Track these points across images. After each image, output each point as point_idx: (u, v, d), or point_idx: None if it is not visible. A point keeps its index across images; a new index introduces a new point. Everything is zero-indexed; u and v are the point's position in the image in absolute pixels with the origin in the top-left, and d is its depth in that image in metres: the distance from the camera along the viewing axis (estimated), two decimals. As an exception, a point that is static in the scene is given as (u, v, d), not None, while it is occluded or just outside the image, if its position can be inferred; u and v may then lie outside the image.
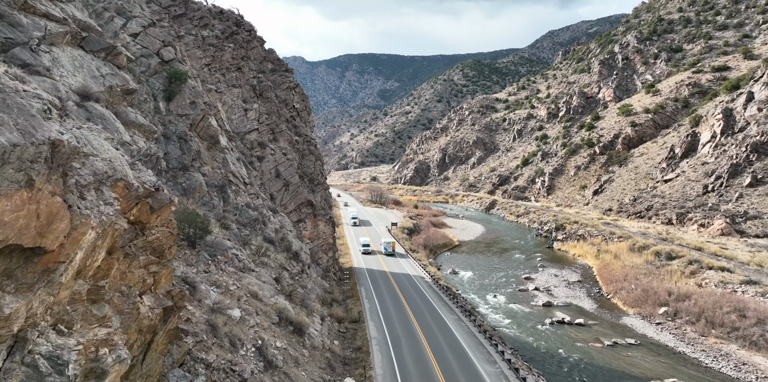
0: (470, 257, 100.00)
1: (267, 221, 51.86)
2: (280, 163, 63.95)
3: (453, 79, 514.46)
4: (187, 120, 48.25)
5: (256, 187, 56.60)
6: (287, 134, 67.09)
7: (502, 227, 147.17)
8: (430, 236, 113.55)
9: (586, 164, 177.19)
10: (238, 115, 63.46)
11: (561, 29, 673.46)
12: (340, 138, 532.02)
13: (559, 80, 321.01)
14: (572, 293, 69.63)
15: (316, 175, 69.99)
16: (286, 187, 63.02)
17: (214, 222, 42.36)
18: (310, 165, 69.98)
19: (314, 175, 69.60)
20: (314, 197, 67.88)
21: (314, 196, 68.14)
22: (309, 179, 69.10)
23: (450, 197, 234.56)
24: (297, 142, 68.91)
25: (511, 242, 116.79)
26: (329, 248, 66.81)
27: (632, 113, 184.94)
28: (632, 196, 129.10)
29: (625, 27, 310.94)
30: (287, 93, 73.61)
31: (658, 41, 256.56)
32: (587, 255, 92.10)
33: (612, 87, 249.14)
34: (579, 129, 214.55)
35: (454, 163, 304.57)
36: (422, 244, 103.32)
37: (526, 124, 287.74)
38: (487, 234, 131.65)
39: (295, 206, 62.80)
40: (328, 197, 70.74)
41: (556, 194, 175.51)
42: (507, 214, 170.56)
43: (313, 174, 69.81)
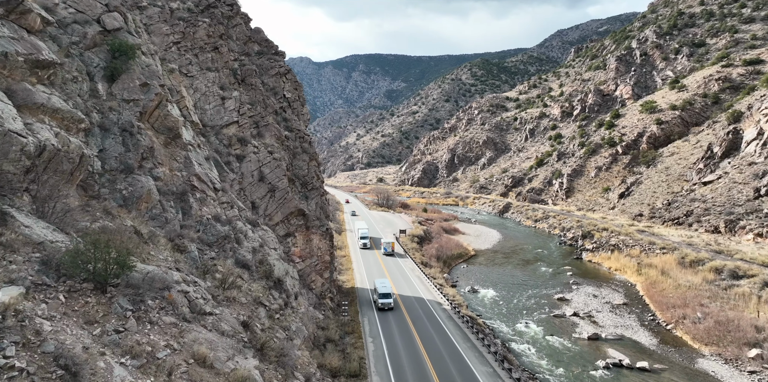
0: (489, 270, 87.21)
1: (242, 238, 39.48)
2: (264, 163, 51.62)
3: (461, 78, 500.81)
4: (135, 107, 35.83)
5: (232, 193, 44.26)
6: (274, 129, 54.72)
7: (519, 233, 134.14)
8: (442, 244, 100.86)
9: (608, 165, 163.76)
10: (213, 105, 51.20)
11: (570, 28, 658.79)
12: (346, 139, 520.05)
13: (573, 78, 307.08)
14: (621, 321, 56.68)
15: (310, 178, 57.59)
16: (272, 193, 50.65)
17: (162, 243, 30.01)
18: (303, 166, 57.59)
19: (308, 179, 57.20)
20: (307, 204, 55.48)
21: (307, 203, 55.75)
22: (301, 183, 56.72)
23: (460, 199, 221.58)
24: (287, 138, 56.55)
25: (533, 252, 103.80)
26: (325, 267, 54.45)
27: (657, 110, 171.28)
28: (665, 200, 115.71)
29: (641, 23, 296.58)
30: (276, 80, 61.28)
31: (679, 36, 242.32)
32: (626, 269, 79.04)
33: (630, 84, 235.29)
34: (597, 127, 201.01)
35: (463, 163, 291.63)
36: (435, 255, 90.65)
37: (538, 124, 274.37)
38: (504, 242, 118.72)
39: (283, 217, 50.41)
40: (324, 205, 58.51)
41: (575, 196, 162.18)
42: (523, 218, 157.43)
43: (307, 177, 57.41)
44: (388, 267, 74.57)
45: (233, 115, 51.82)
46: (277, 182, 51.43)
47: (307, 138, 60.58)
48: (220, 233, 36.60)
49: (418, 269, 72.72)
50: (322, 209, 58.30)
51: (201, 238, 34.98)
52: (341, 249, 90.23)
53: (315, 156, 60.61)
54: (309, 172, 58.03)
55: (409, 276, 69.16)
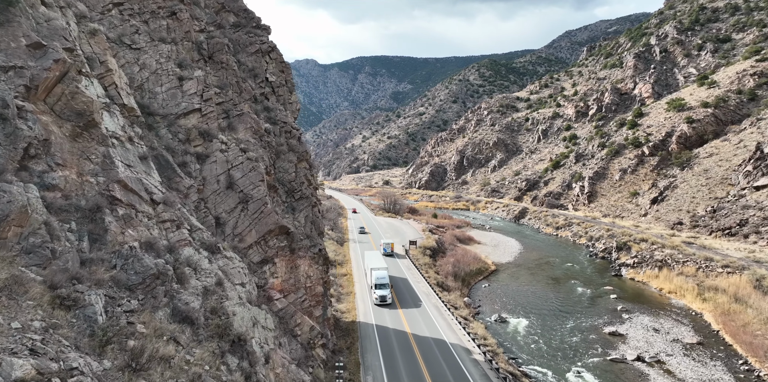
0: (515, 291, 73.39)
1: (189, 275, 25.94)
2: (235, 165, 38.22)
3: (468, 79, 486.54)
4: (17, 78, 22.42)
5: (184, 207, 30.86)
6: (251, 120, 41.32)
7: (540, 242, 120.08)
8: (459, 258, 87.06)
9: (634, 167, 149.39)
10: (167, 87, 37.78)
11: (579, 29, 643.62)
12: (352, 140, 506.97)
13: (587, 77, 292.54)
14: (705, 372, 42.75)
15: (298, 183, 44.09)
16: (244, 204, 37.18)
17: (34, 295, 16.76)
18: (289, 168, 44.11)
19: (295, 185, 43.68)
20: (294, 218, 42.01)
21: (294, 217, 42.27)
22: (286, 191, 43.23)
23: (471, 203, 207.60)
24: (268, 132, 43.14)
25: (562, 267, 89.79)
26: (317, 302, 41.04)
27: (686, 108, 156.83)
28: (709, 206, 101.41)
29: (658, 19, 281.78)
30: (257, 59, 47.89)
31: (702, 31, 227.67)
32: (684, 293, 64.95)
33: (650, 82, 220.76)
34: (619, 127, 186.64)
35: (472, 166, 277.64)
36: (451, 272, 76.89)
37: (551, 124, 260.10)
38: (526, 253, 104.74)
39: (259, 237, 36.90)
40: (317, 218, 45.17)
41: (599, 201, 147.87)
42: (542, 225, 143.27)
43: (294, 182, 43.90)
44: (399, 293, 60.85)
45: (194, 101, 38.41)
46: (252, 190, 37.96)
47: (295, 133, 47.14)
48: (149, 269, 22.72)
49: (434, 294, 58.99)
50: (315, 223, 44.77)
51: (116, 279, 21.25)
52: (342, 265, 76.76)
53: (305, 156, 47.14)
54: (297, 177, 44.57)
55: (425, 306, 55.39)
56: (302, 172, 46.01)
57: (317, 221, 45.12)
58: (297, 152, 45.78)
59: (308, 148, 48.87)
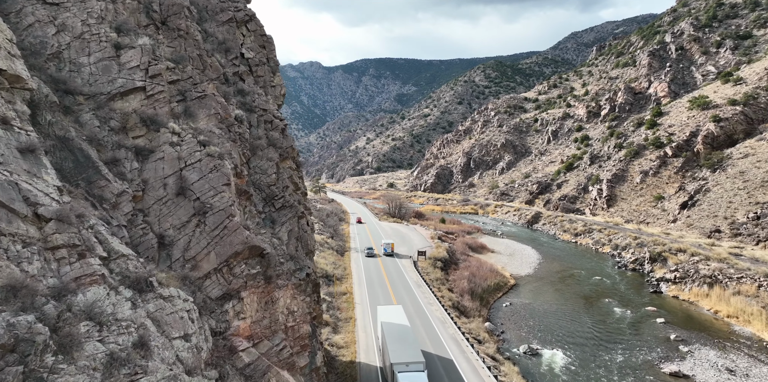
0: (542, 311, 62.71)
1: (86, 334, 15.29)
2: (190, 163, 27.94)
3: (474, 80, 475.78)
4: None
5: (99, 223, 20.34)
6: (216, 105, 30.99)
7: (559, 250, 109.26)
8: (473, 271, 76.42)
9: (656, 169, 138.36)
10: (97, 57, 27.53)
11: (585, 30, 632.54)
12: (356, 143, 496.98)
13: (598, 76, 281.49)
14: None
15: (280, 188, 33.69)
16: (202, 217, 26.78)
17: None
18: (269, 168, 33.70)
19: (276, 190, 33.27)
20: (272, 235, 31.53)
21: (273, 233, 31.80)
22: (265, 198, 32.80)
23: (480, 207, 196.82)
24: (240, 121, 32.86)
25: (590, 280, 78.99)
26: (302, 347, 30.54)
27: (711, 106, 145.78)
28: (750, 212, 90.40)
29: (671, 17, 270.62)
30: (229, 30, 37.56)
31: (720, 28, 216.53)
32: (749, 318, 54.13)
33: (666, 80, 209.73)
34: (636, 127, 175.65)
35: (480, 168, 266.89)
36: (467, 289, 66.25)
37: (561, 125, 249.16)
38: (546, 264, 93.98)
39: (221, 262, 26.37)
40: (305, 233, 34.65)
41: (619, 205, 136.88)
42: (558, 231, 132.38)
43: (275, 186, 33.49)
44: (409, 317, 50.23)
45: (135, 77, 28.18)
46: (213, 198, 27.62)
47: (278, 124, 36.73)
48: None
49: (451, 322, 48.32)
50: (302, 240, 34.29)
51: None
52: (342, 281, 66.29)
53: (291, 153, 36.75)
54: (279, 179, 34.20)
55: (442, 338, 44.67)
56: (286, 173, 35.66)
57: (305, 237, 34.64)
58: (280, 148, 35.40)
59: (294, 142, 38.61)
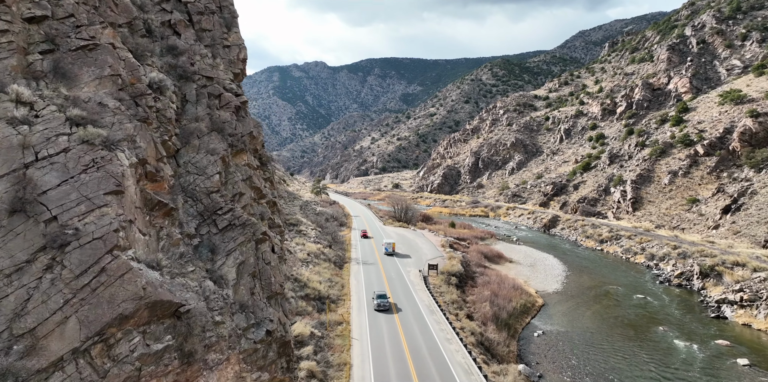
0: (583, 343, 50.26)
1: None
2: (45, 156, 15.86)
3: (481, 78, 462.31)
4: None
5: None
6: (114, 63, 18.82)
7: (585, 260, 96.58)
8: (494, 289, 63.96)
9: (686, 169, 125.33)
10: None
11: (593, 29, 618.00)
12: (361, 142, 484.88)
13: (612, 73, 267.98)
14: None
15: (227, 197, 21.40)
16: (58, 252, 14.74)
17: None
18: (209, 166, 21.36)
19: (221, 199, 20.91)
20: (208, 271, 19.23)
21: (211, 268, 19.49)
22: (200, 213, 20.49)
23: (490, 209, 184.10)
24: (158, 90, 20.74)
25: (632, 300, 66.28)
26: None
27: (746, 100, 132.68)
28: (811, 218, 77.60)
29: (689, 10, 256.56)
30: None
31: (745, 20, 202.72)
32: None
33: (687, 76, 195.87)
34: (660, 124, 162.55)
35: (488, 168, 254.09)
36: (490, 314, 53.83)
37: (574, 123, 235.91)
38: (574, 276, 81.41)
39: (90, 336, 14.34)
40: (268, 267, 22.54)
41: (646, 209, 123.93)
42: (580, 237, 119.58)
43: (219, 194, 21.19)
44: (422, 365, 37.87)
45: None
46: (82, 218, 15.33)
47: (229, 100, 24.31)
48: None
49: (477, 371, 35.87)
50: (261, 277, 22.01)
51: None
52: (338, 303, 53.94)
53: (251, 143, 24.63)
54: (226, 184, 22.00)
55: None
56: (241, 173, 23.35)
57: (268, 272, 22.27)
58: (231, 135, 23.12)
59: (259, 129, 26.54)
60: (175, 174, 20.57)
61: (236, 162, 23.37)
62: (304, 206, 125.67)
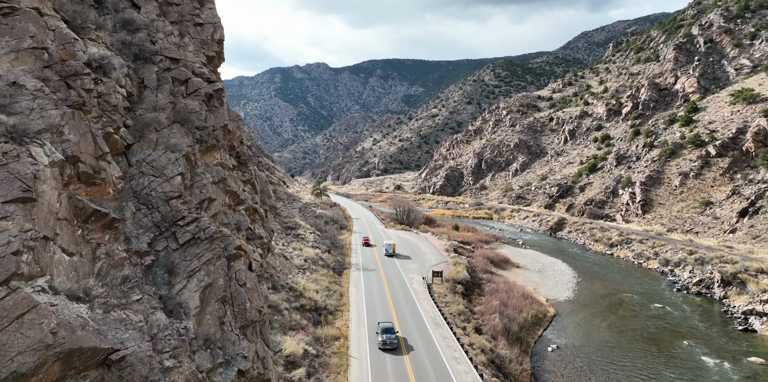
0: (601, 360, 45.92)
1: None
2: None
3: (484, 79, 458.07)
4: None
5: None
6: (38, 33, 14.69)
7: (595, 265, 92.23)
8: (503, 299, 59.72)
9: (698, 170, 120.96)
10: None
11: (596, 30, 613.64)
12: (362, 144, 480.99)
13: (617, 73, 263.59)
14: None
15: (192, 204, 17.22)
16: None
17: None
18: (169, 166, 17.28)
19: (183, 207, 16.88)
20: (162, 299, 15.11)
21: (167, 294, 15.37)
22: (157, 224, 16.38)
23: (494, 211, 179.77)
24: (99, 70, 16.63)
25: (650, 310, 61.91)
26: None
27: (759, 99, 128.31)
28: (837, 223, 73.25)
29: (696, 10, 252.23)
30: None
31: (754, 18, 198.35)
32: None
33: (695, 75, 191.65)
34: (668, 124, 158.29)
35: (492, 169, 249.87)
36: (500, 327, 49.62)
37: (579, 124, 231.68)
38: (585, 283, 77.08)
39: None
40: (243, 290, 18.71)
41: (656, 211, 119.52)
42: (589, 240, 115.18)
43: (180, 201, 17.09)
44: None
45: None
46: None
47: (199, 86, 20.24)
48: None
49: None
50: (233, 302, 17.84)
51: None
52: (335, 315, 49.75)
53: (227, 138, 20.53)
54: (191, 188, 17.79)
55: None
56: (211, 174, 19.12)
57: (242, 295, 18.16)
58: (199, 129, 18.85)
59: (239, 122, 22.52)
60: (125, 176, 16.43)
61: (206, 161, 19.22)
62: (303, 209, 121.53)
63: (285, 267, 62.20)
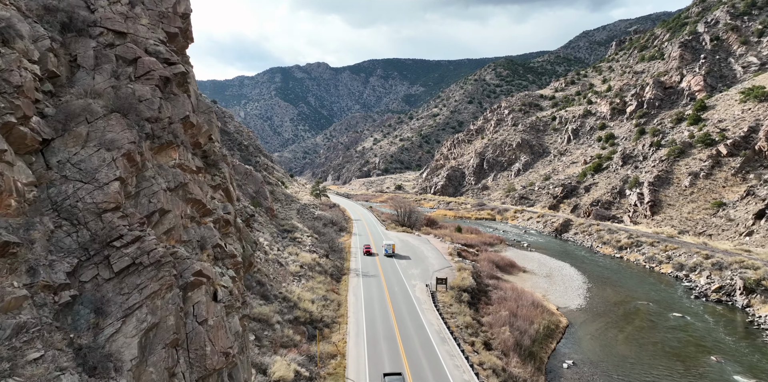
0: (622, 377, 41.82)
1: None
2: None
3: (485, 78, 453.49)
4: None
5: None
6: None
7: (605, 269, 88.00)
8: (512, 308, 55.54)
9: (708, 170, 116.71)
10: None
11: (597, 29, 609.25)
12: (363, 143, 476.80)
13: (620, 71, 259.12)
14: None
15: (131, 219, 13.34)
16: None
17: None
18: (102, 169, 13.22)
19: (119, 223, 12.88)
20: (80, 351, 11.11)
21: (92, 346, 11.40)
22: (84, 245, 12.28)
23: (497, 212, 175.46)
24: None
25: (669, 320, 57.73)
26: None
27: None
28: None
29: (700, 7, 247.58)
30: None
31: (761, 15, 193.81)
32: None
33: (701, 73, 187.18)
34: (675, 123, 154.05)
35: (494, 169, 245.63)
36: (511, 342, 45.48)
37: (582, 123, 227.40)
38: (596, 289, 72.85)
39: None
40: (205, 330, 14.90)
41: (666, 213, 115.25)
42: (596, 243, 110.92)
43: (115, 214, 13.08)
44: None
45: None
46: None
47: (152, 67, 16.13)
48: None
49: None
50: (189, 347, 13.91)
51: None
52: (331, 329, 45.60)
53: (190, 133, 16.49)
54: (136, 198, 13.78)
55: None
56: (165, 180, 14.89)
57: (202, 336, 13.80)
58: (150, 121, 14.73)
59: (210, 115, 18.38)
60: (39, 181, 12.27)
61: (159, 162, 15.10)
62: (301, 210, 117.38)
63: (279, 274, 58.04)
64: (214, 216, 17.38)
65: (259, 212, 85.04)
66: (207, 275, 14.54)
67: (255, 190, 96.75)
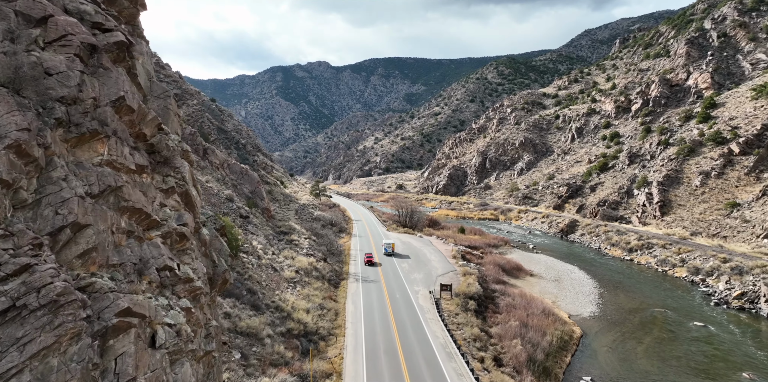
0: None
1: None
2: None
3: (487, 77, 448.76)
4: None
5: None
6: None
7: (616, 273, 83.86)
8: (522, 317, 51.52)
9: (720, 169, 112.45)
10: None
11: (599, 28, 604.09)
12: (364, 142, 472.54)
13: (624, 69, 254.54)
14: None
15: (10, 243, 9.41)
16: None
17: None
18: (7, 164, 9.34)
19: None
20: None
21: None
22: None
23: (501, 212, 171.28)
24: None
25: (689, 330, 53.64)
26: None
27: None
28: None
29: (706, 3, 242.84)
30: None
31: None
32: None
33: (708, 71, 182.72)
34: (684, 121, 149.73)
35: (496, 168, 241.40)
36: (523, 357, 41.51)
37: (587, 121, 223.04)
38: (609, 295, 68.70)
39: None
40: None
41: (676, 213, 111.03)
42: (604, 244, 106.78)
43: None
44: None
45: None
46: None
47: (71, 31, 12.15)
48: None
49: None
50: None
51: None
52: (327, 342, 41.57)
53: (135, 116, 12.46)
54: (41, 208, 9.74)
55: None
56: (81, 183, 10.73)
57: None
58: (63, 102, 10.65)
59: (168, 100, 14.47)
60: None
61: (77, 158, 11.11)
62: (300, 210, 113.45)
63: (273, 281, 54.09)
64: (164, 229, 13.40)
65: (255, 214, 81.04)
66: (139, 314, 10.51)
67: (251, 190, 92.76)
